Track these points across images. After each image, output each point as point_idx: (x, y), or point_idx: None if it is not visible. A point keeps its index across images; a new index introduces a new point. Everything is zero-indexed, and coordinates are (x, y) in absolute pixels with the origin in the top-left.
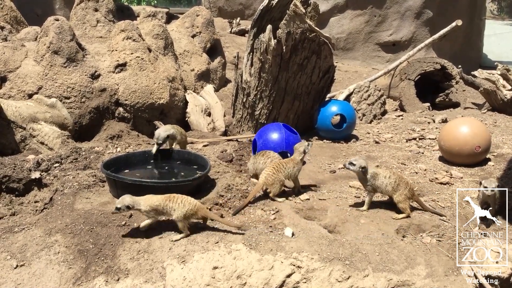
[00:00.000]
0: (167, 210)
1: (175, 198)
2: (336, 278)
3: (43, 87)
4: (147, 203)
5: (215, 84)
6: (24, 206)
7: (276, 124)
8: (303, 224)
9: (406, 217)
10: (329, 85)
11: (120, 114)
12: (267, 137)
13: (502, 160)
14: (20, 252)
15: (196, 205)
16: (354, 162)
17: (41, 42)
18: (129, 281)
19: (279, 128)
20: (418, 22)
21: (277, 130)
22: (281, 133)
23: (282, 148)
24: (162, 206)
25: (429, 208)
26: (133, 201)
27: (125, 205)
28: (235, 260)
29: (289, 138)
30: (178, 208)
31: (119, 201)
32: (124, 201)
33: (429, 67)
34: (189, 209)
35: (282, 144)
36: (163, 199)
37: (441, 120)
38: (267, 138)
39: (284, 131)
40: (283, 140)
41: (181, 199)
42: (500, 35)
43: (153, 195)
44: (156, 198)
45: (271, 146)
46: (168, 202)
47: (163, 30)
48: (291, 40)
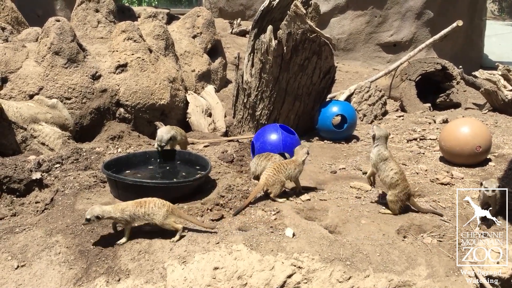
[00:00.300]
0: (139, 216)
1: (146, 203)
2: (337, 278)
3: (44, 88)
4: (117, 210)
5: (215, 85)
6: (25, 206)
7: (273, 126)
8: (303, 225)
9: (392, 214)
10: (330, 86)
11: (121, 114)
12: (264, 139)
13: (503, 160)
14: (21, 253)
15: (170, 204)
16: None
17: (42, 43)
18: (130, 281)
19: (276, 129)
20: (419, 22)
21: (274, 131)
22: (278, 134)
23: (280, 150)
24: (133, 212)
25: (425, 209)
26: (102, 211)
27: (95, 216)
28: (236, 261)
29: (286, 140)
30: (156, 212)
31: (89, 212)
32: (94, 212)
33: (430, 68)
34: (166, 210)
35: (280, 145)
36: (133, 205)
37: (442, 121)
38: (265, 140)
39: (281, 132)
40: (280, 141)
41: (153, 203)
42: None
43: (121, 202)
44: (126, 204)
45: (269, 148)
46: (140, 208)
47: (164, 31)
48: (292, 40)
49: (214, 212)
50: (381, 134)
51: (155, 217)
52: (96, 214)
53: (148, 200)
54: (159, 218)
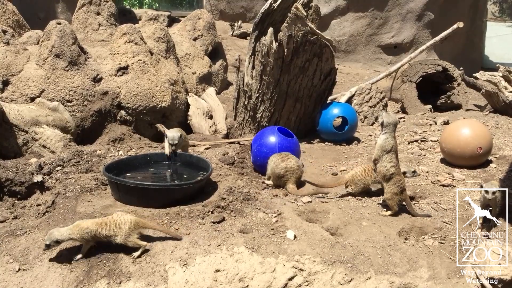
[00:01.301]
0: (100, 237)
1: (107, 225)
2: (338, 280)
3: (45, 91)
4: (76, 231)
5: (216, 87)
6: (26, 209)
7: (271, 128)
8: (305, 227)
9: (392, 214)
10: (331, 88)
11: (122, 117)
12: (261, 142)
13: (504, 162)
14: (22, 256)
15: (132, 220)
16: (384, 113)
17: (43, 46)
18: (131, 284)
19: (273, 132)
20: (420, 24)
21: (272, 134)
22: (275, 137)
23: (275, 152)
24: (94, 232)
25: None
26: (61, 234)
27: (54, 240)
28: (237, 263)
29: (282, 143)
30: (118, 232)
31: (47, 237)
32: (52, 236)
33: (430, 69)
34: (127, 228)
35: (275, 148)
36: (94, 225)
37: (443, 122)
38: (261, 143)
39: (277, 135)
40: (276, 144)
41: (114, 223)
42: (501, 37)
43: (82, 221)
44: (86, 224)
45: (265, 151)
46: (101, 230)
47: (165, 33)
48: (293, 43)
49: (215, 214)
50: (390, 122)
51: (117, 238)
52: (55, 239)
53: (109, 221)
54: (121, 238)
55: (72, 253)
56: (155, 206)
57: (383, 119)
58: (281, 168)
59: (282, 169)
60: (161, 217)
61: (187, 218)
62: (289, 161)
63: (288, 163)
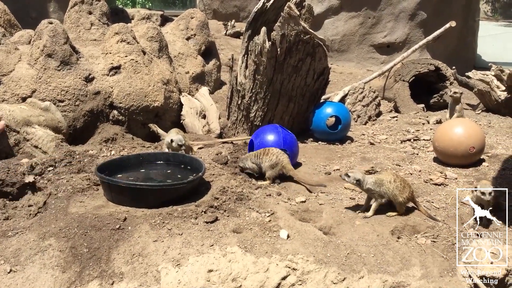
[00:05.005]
0: None
1: None
2: (332, 280)
3: (37, 91)
4: None
5: (210, 87)
6: (17, 210)
7: (273, 125)
8: (298, 226)
9: (398, 214)
10: (324, 87)
11: (115, 117)
12: (264, 136)
13: (496, 160)
14: (13, 257)
15: None
16: (349, 174)
17: (35, 46)
18: (123, 285)
19: (275, 128)
20: (412, 23)
21: (274, 130)
22: (278, 132)
23: (280, 146)
24: None
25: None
26: None
27: None
28: (230, 263)
29: (286, 137)
30: None
31: None
32: None
33: (423, 69)
34: None
35: (280, 141)
36: None
37: (436, 121)
38: (264, 137)
39: (281, 130)
40: (280, 138)
41: None
42: (494, 36)
43: None
44: None
45: (269, 145)
46: None
47: (157, 33)
48: (286, 42)
49: (208, 214)
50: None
51: None
52: None
53: None
54: None
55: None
56: (148, 206)
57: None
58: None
59: (273, 156)
60: (153, 217)
61: (180, 218)
62: (270, 150)
63: (270, 150)
